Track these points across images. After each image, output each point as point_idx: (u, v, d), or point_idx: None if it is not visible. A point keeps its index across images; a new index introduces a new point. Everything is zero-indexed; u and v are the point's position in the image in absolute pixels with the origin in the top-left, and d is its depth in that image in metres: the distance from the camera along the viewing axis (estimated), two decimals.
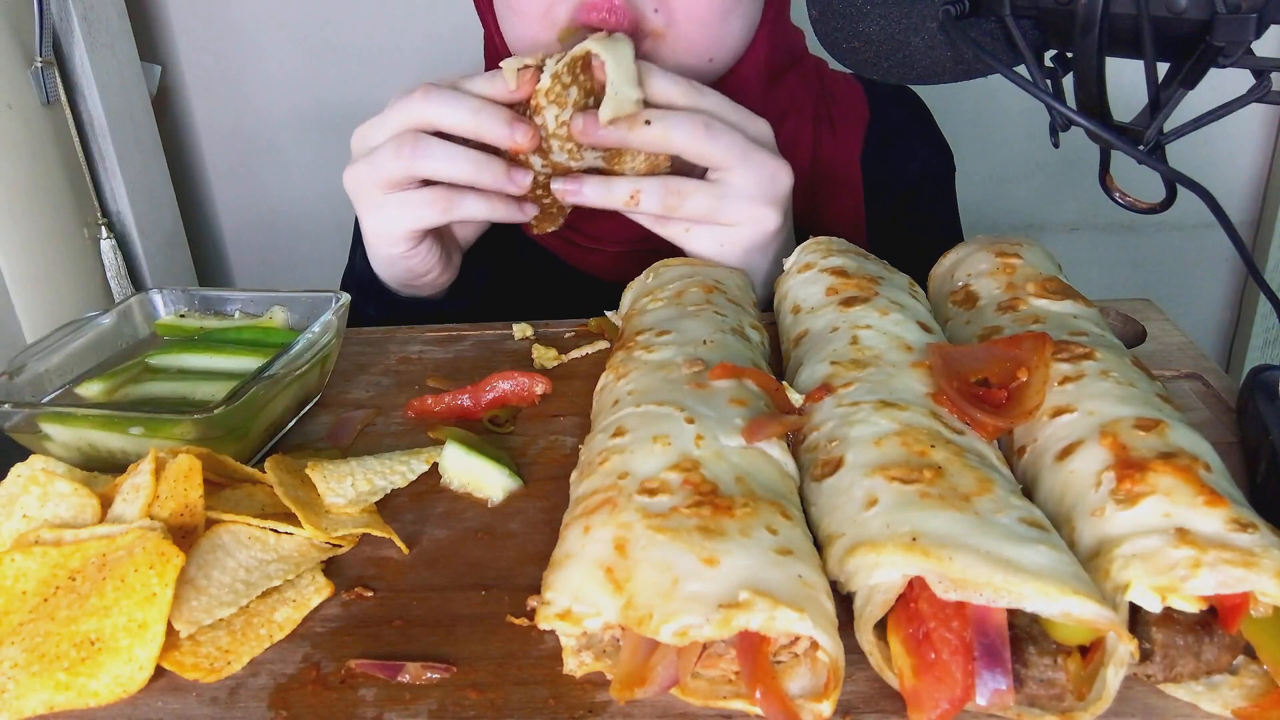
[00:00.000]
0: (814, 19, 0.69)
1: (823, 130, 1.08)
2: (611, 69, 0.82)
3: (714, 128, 0.82)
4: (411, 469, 0.66)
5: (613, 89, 0.82)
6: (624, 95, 0.82)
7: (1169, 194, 0.58)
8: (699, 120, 0.82)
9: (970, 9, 0.60)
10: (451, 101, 0.81)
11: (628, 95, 0.82)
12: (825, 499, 0.54)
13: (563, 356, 0.83)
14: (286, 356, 0.69)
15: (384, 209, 0.85)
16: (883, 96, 1.14)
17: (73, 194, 1.64)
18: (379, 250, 0.90)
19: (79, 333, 0.75)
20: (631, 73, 0.83)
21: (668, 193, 0.84)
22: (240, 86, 1.99)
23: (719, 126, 0.83)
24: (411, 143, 0.81)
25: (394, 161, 0.82)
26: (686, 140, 0.82)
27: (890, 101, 1.15)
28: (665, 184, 0.84)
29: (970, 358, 0.62)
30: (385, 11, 1.89)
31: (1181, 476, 0.49)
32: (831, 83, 1.13)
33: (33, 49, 1.54)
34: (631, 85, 0.83)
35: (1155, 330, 0.83)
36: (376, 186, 0.84)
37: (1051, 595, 0.43)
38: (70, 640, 0.49)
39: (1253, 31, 0.49)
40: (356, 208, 0.88)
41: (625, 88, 0.82)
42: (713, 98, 0.85)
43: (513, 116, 0.82)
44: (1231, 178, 1.95)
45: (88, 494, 0.56)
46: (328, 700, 0.49)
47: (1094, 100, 0.56)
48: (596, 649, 0.49)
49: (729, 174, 0.84)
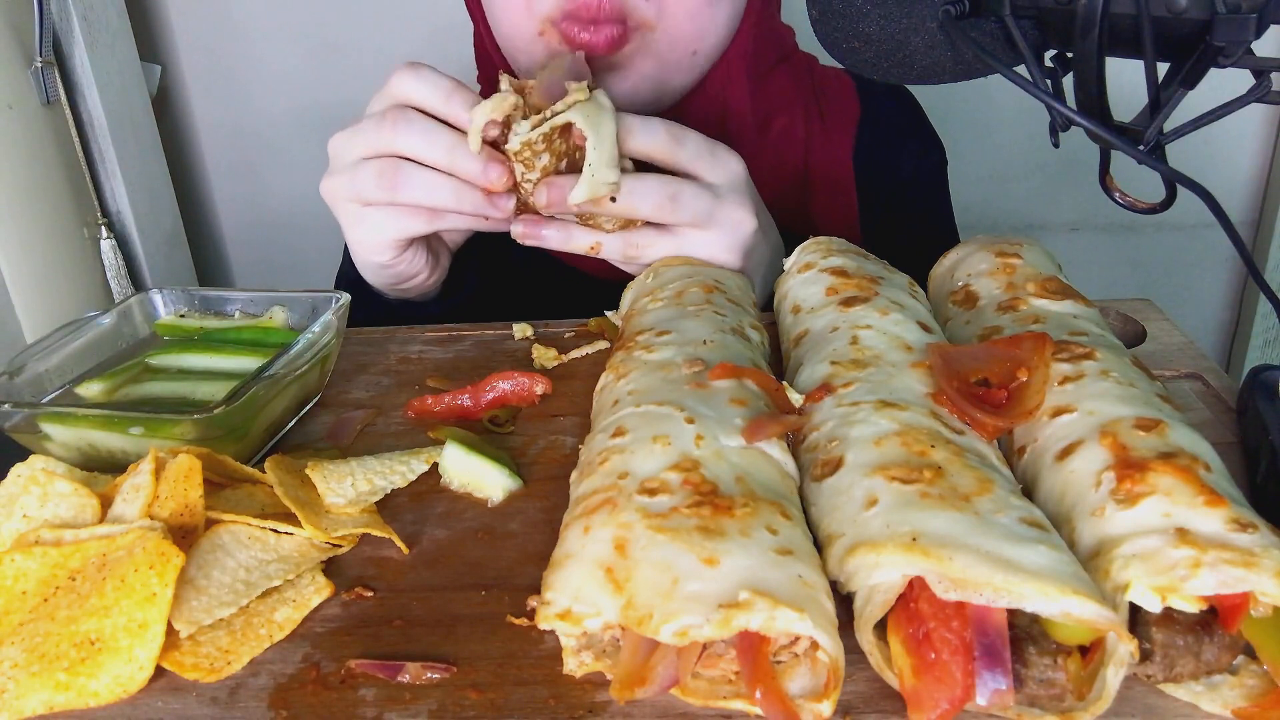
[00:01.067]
0: (814, 19, 0.69)
1: (814, 127, 1.08)
2: (592, 150, 0.79)
3: (680, 198, 0.82)
4: (411, 469, 0.66)
5: (590, 171, 0.79)
6: (600, 179, 0.79)
7: (1169, 194, 0.58)
8: (665, 193, 0.82)
9: (970, 9, 0.60)
10: (428, 137, 0.80)
11: (604, 179, 0.79)
12: (825, 499, 0.54)
13: (563, 356, 0.83)
14: (286, 356, 0.69)
15: (366, 220, 0.85)
16: (874, 92, 1.14)
17: (73, 194, 1.64)
18: (364, 258, 0.90)
19: (79, 333, 0.75)
20: (612, 154, 0.79)
21: (627, 245, 0.84)
22: (240, 86, 2.00)
23: (686, 195, 0.82)
24: (393, 171, 0.81)
25: (375, 188, 0.82)
26: (651, 212, 0.82)
27: (882, 97, 1.14)
28: (625, 239, 0.84)
29: (970, 358, 0.62)
30: (385, 11, 1.89)
31: (1181, 476, 0.49)
32: (822, 79, 1.13)
33: (33, 49, 1.54)
34: (610, 168, 0.79)
35: (1155, 330, 0.83)
36: (353, 202, 0.84)
37: (1051, 595, 0.43)
38: (70, 640, 0.49)
39: (1253, 31, 0.48)
40: (338, 217, 0.88)
41: (603, 170, 0.79)
42: (691, 144, 0.83)
43: (488, 155, 0.79)
44: (1231, 178, 1.95)
45: (88, 494, 0.56)
46: (328, 700, 0.49)
47: (1094, 100, 0.56)
48: (596, 649, 0.49)
49: (692, 231, 0.84)
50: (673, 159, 0.83)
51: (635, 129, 0.81)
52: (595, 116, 0.79)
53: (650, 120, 0.82)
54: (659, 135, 0.82)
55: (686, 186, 0.82)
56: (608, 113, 0.79)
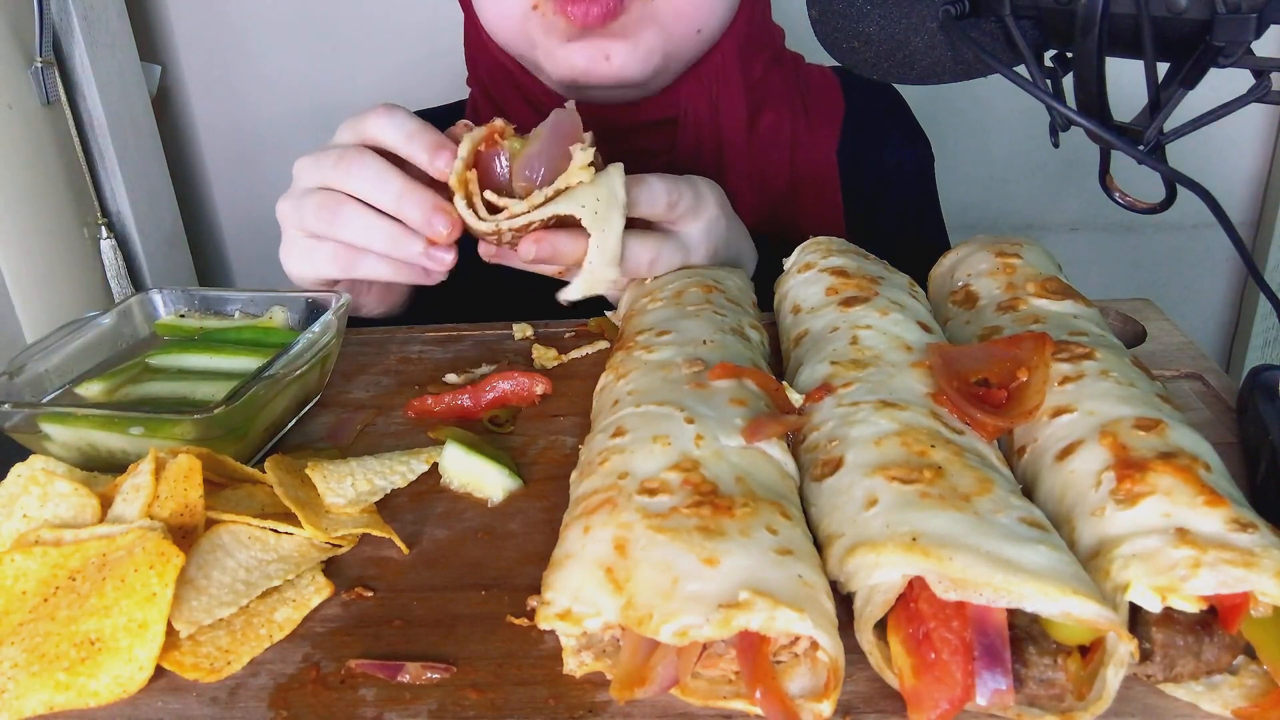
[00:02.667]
0: (814, 19, 0.69)
1: (800, 124, 1.08)
2: (595, 248, 0.74)
3: (658, 263, 0.82)
4: (411, 469, 0.66)
5: (590, 268, 0.75)
6: (600, 277, 0.76)
7: (1169, 194, 0.58)
8: (646, 260, 0.81)
9: (970, 9, 0.60)
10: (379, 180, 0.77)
11: (605, 276, 0.76)
12: (825, 499, 0.54)
13: (563, 356, 0.83)
14: (286, 356, 0.69)
15: (294, 249, 0.84)
16: (859, 89, 1.14)
17: (73, 194, 1.64)
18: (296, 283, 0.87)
19: (79, 333, 0.75)
20: (616, 252, 0.75)
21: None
22: (240, 86, 1.99)
23: (664, 257, 0.82)
24: (334, 206, 0.79)
25: (315, 220, 0.80)
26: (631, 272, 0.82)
27: (866, 93, 1.14)
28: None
29: (970, 358, 0.62)
30: (385, 11, 1.89)
31: (1181, 476, 0.49)
32: (807, 75, 1.13)
33: (33, 49, 1.54)
34: (613, 265, 0.75)
35: (1155, 330, 0.83)
36: (297, 229, 0.83)
37: (1051, 595, 0.43)
38: (70, 640, 0.49)
39: (1253, 31, 0.48)
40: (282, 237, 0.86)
41: (605, 269, 0.75)
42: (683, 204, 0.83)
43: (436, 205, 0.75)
44: (1231, 178, 1.94)
45: (88, 494, 0.56)
46: (328, 700, 0.49)
47: (1094, 100, 0.56)
48: (596, 649, 0.49)
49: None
50: (664, 219, 0.83)
51: (640, 201, 0.80)
52: (604, 212, 0.74)
53: (652, 186, 0.81)
54: (660, 204, 0.81)
55: (665, 248, 0.83)
56: (618, 206, 0.75)
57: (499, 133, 0.76)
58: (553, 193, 0.73)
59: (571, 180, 0.73)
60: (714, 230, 0.87)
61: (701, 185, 0.86)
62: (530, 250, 0.75)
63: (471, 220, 0.74)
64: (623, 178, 0.76)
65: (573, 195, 0.73)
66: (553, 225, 0.75)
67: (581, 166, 0.73)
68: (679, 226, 0.85)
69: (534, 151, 0.75)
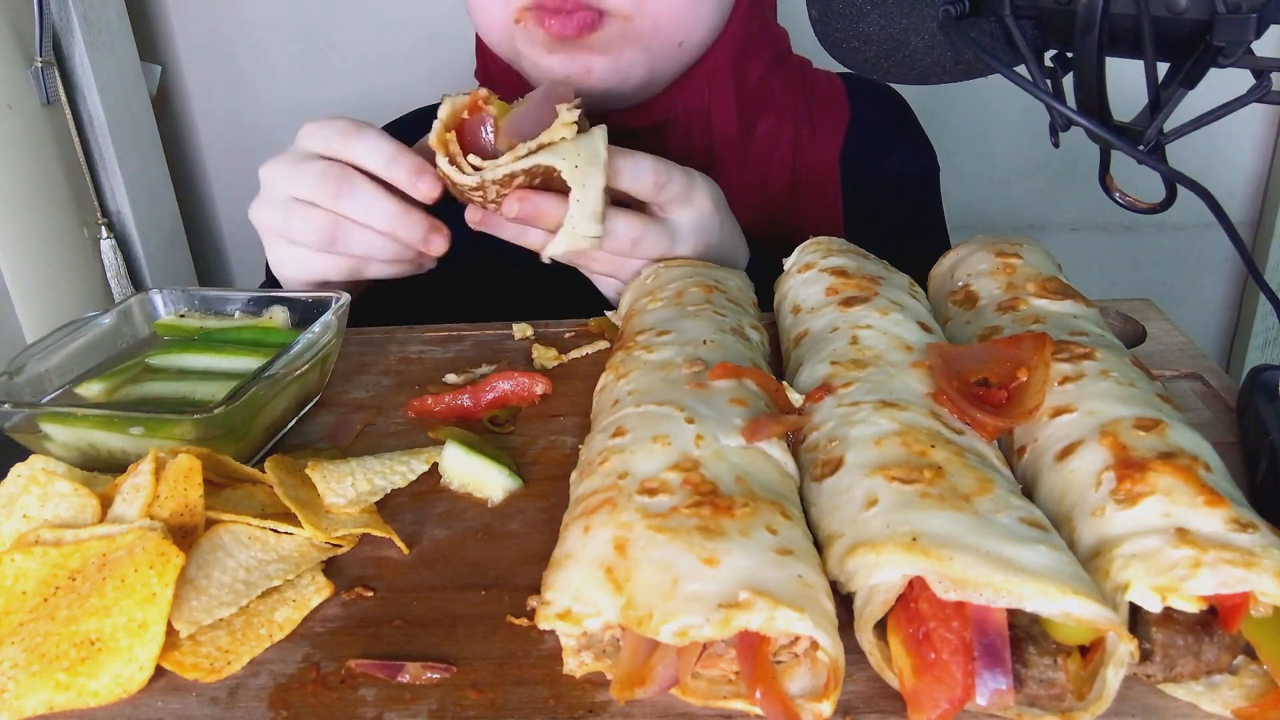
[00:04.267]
0: (814, 19, 0.69)
1: (802, 129, 1.08)
2: (575, 202, 0.74)
3: (643, 243, 0.82)
4: (411, 469, 0.66)
5: (571, 223, 0.75)
6: (581, 232, 0.76)
7: (1169, 194, 0.58)
8: (630, 238, 0.82)
9: (970, 9, 0.60)
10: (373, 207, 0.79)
11: (586, 232, 0.76)
12: (825, 499, 0.54)
13: (563, 356, 0.83)
14: (286, 356, 0.69)
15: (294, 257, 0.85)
16: (864, 95, 1.14)
17: (73, 194, 1.64)
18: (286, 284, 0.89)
19: (79, 333, 0.75)
20: (597, 209, 0.75)
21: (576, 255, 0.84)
22: (240, 86, 2.00)
23: (649, 239, 0.83)
24: (331, 226, 0.80)
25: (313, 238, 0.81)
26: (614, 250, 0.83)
27: (871, 101, 1.15)
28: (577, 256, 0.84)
29: (970, 358, 0.62)
30: (385, 11, 1.89)
31: (1181, 476, 0.49)
32: (813, 80, 1.13)
33: (33, 49, 1.54)
34: (593, 222, 0.75)
35: (1155, 330, 0.83)
36: (284, 240, 0.84)
37: (1051, 595, 0.43)
38: (70, 640, 0.49)
39: (1253, 31, 0.48)
40: (264, 244, 0.87)
41: (585, 224, 0.75)
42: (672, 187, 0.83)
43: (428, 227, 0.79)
44: (1231, 178, 1.95)
45: (88, 494, 0.56)
46: (328, 700, 0.49)
47: (1094, 100, 0.56)
48: (596, 649, 0.49)
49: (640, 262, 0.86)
50: (652, 200, 0.83)
51: (623, 171, 0.80)
52: (585, 167, 0.75)
53: (640, 162, 0.81)
54: (646, 180, 0.81)
55: (651, 230, 0.83)
56: (599, 163, 0.75)
57: (482, 100, 0.78)
58: (535, 146, 0.74)
59: (555, 136, 0.74)
60: (706, 225, 0.86)
61: (696, 177, 0.86)
62: (513, 207, 0.77)
63: (455, 175, 0.76)
64: (605, 139, 0.77)
65: (555, 149, 0.74)
66: (537, 188, 0.77)
67: (565, 124, 0.74)
68: (667, 212, 0.85)
69: (520, 112, 0.77)
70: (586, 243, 0.78)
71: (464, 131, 0.78)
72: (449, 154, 0.76)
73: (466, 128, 0.78)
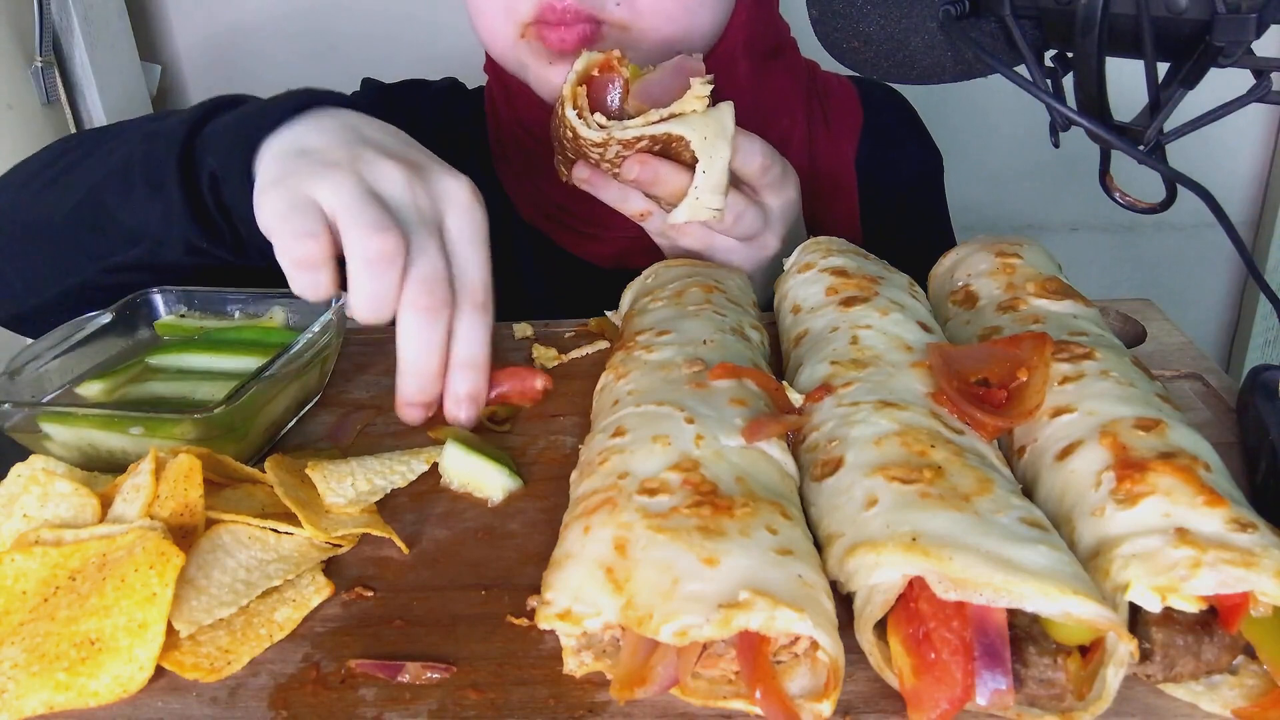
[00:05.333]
0: (814, 19, 0.69)
1: (817, 130, 1.09)
2: (701, 173, 0.76)
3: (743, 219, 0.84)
4: (411, 469, 0.66)
5: (695, 194, 0.77)
6: (704, 203, 0.77)
7: (1169, 194, 0.58)
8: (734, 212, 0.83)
9: (970, 9, 0.60)
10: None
11: (709, 204, 0.77)
12: (825, 499, 0.54)
13: (563, 356, 0.83)
14: (286, 356, 0.69)
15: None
16: (875, 100, 1.15)
17: None
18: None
19: (79, 333, 0.75)
20: (722, 181, 0.76)
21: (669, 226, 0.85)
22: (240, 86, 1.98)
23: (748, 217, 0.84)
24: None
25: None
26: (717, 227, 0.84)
27: (882, 105, 1.16)
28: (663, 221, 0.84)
29: (970, 358, 0.62)
30: (385, 11, 1.89)
31: (1181, 476, 0.49)
32: (824, 83, 1.13)
33: (33, 49, 1.54)
34: (717, 194, 0.76)
35: (1155, 330, 0.83)
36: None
37: (1051, 595, 0.43)
38: (70, 640, 0.49)
39: (1253, 31, 0.48)
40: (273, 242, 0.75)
41: (709, 196, 0.77)
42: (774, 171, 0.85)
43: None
44: (1231, 178, 1.95)
45: (88, 494, 0.56)
46: (328, 700, 0.49)
47: (1094, 100, 0.56)
48: (596, 649, 0.49)
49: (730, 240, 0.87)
50: (756, 182, 0.85)
51: (741, 149, 0.81)
52: (713, 140, 0.76)
53: (754, 143, 0.83)
54: (756, 161, 0.83)
55: (749, 210, 0.85)
56: (726, 138, 0.77)
57: (617, 59, 0.79)
58: (668, 114, 0.76)
59: (686, 107, 0.76)
60: (790, 212, 0.89)
61: (790, 168, 0.89)
62: (634, 170, 0.78)
63: (582, 129, 0.76)
64: (733, 116, 0.78)
65: (686, 120, 0.75)
66: (657, 153, 0.78)
67: (699, 96, 0.76)
68: (763, 196, 0.87)
69: (653, 78, 0.78)
70: (708, 214, 0.79)
71: (593, 87, 0.79)
72: (578, 106, 0.77)
73: (595, 85, 0.79)
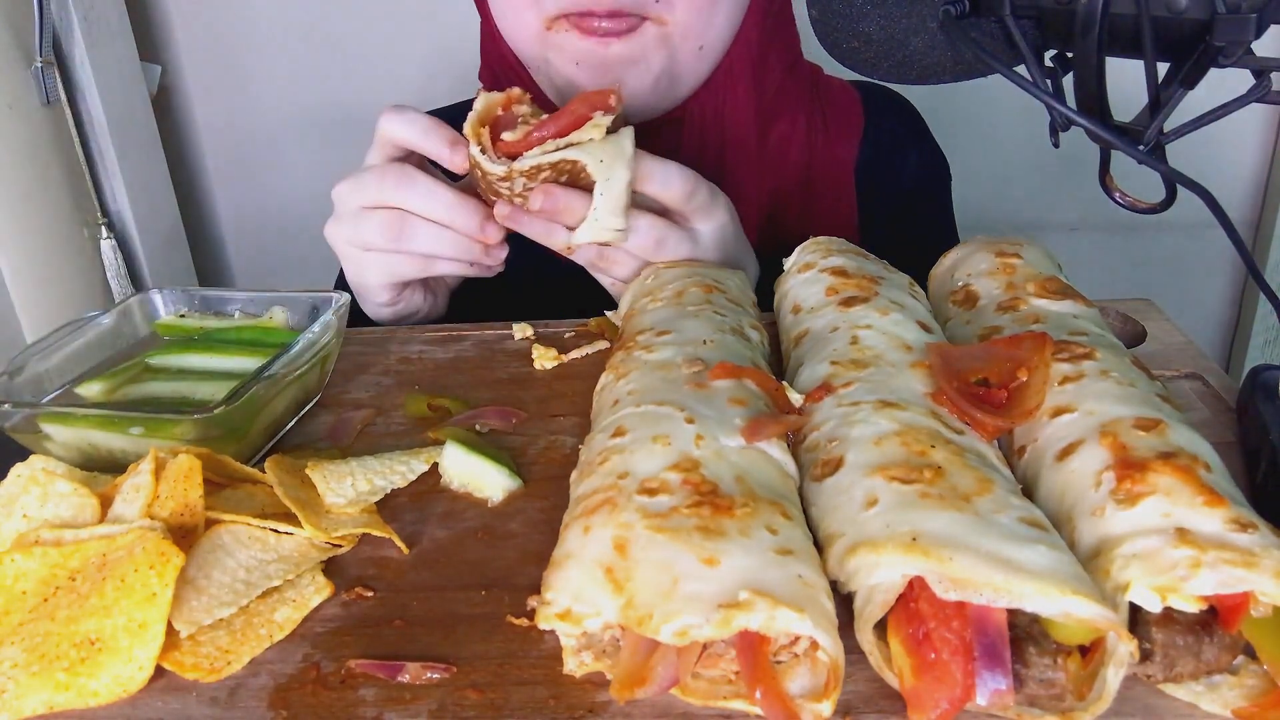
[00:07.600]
0: (814, 19, 0.69)
1: (817, 135, 1.09)
2: (599, 195, 0.78)
3: (665, 244, 0.85)
4: (411, 469, 0.66)
5: (594, 215, 0.79)
6: (603, 224, 0.79)
7: (1169, 194, 0.58)
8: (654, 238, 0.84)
9: (970, 9, 0.60)
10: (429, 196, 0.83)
11: (608, 225, 0.79)
12: (825, 499, 0.54)
13: (563, 356, 0.83)
14: (286, 356, 0.69)
15: (367, 263, 0.88)
16: (878, 105, 1.14)
17: (73, 194, 1.64)
18: (366, 298, 0.92)
19: (79, 333, 0.75)
20: (620, 203, 0.78)
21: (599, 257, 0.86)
22: (240, 86, 2.00)
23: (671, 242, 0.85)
24: (399, 223, 0.83)
25: (380, 238, 0.84)
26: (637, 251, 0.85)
27: (885, 110, 1.15)
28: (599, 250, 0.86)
29: (970, 358, 0.62)
30: (386, 10, 1.89)
31: (1181, 476, 0.49)
32: (826, 89, 1.13)
33: (33, 49, 1.54)
34: (616, 215, 0.78)
35: (1155, 330, 0.83)
36: (359, 248, 0.87)
37: (1051, 595, 0.43)
38: (70, 640, 0.49)
39: (1253, 31, 0.48)
40: (341, 260, 0.91)
41: (607, 217, 0.79)
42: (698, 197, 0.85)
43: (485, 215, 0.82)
44: (1231, 178, 1.95)
45: (88, 494, 0.56)
46: (328, 700, 0.49)
47: (1094, 100, 0.56)
48: (596, 649, 0.49)
49: None
50: (679, 208, 0.86)
51: (654, 175, 0.82)
52: (610, 163, 0.78)
53: (670, 169, 0.84)
54: (674, 187, 0.84)
55: (672, 234, 0.85)
56: (624, 160, 0.78)
57: (515, 99, 0.81)
58: (565, 143, 0.77)
59: (583, 136, 0.77)
60: (725, 236, 0.89)
61: (718, 192, 0.89)
62: (538, 200, 0.79)
63: (485, 163, 0.78)
64: (633, 139, 0.80)
65: (583, 147, 0.77)
66: (563, 184, 0.80)
67: (595, 125, 0.77)
68: (692, 221, 0.87)
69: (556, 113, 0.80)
70: (609, 235, 0.80)
71: (498, 127, 0.81)
72: (480, 143, 0.79)
73: (500, 123, 0.81)
